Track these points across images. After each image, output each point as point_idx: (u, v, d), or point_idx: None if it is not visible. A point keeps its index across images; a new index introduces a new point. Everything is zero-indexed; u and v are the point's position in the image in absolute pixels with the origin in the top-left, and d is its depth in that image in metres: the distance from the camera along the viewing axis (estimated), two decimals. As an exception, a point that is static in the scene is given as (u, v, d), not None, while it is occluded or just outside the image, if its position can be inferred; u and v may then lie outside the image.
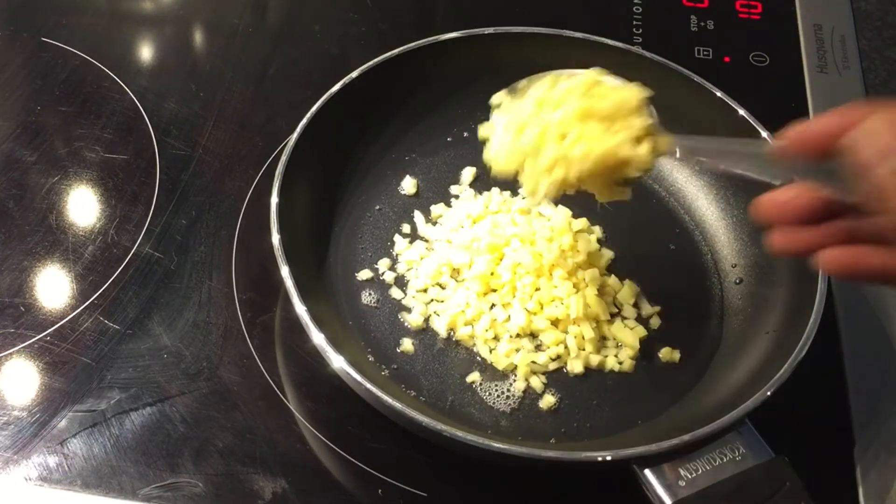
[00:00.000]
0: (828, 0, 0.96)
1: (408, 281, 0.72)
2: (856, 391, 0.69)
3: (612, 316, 0.71)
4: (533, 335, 0.69)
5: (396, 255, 0.74)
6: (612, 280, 0.72)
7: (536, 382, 0.67)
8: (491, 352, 0.68)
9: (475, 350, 0.69)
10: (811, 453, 0.63)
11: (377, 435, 0.65)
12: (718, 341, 0.70)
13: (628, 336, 0.69)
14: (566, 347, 0.69)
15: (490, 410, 0.66)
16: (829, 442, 0.67)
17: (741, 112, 0.75)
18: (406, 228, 0.75)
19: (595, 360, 0.68)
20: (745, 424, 0.59)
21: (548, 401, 0.66)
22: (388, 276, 0.72)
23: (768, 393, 0.60)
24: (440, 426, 0.58)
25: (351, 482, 0.64)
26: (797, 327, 0.63)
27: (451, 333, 0.69)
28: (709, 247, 0.76)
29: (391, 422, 0.61)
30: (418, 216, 0.76)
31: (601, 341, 0.70)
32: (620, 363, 0.68)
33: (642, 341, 0.69)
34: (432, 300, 0.71)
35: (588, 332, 0.69)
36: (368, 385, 0.59)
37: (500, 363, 0.68)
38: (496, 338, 0.69)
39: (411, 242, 0.74)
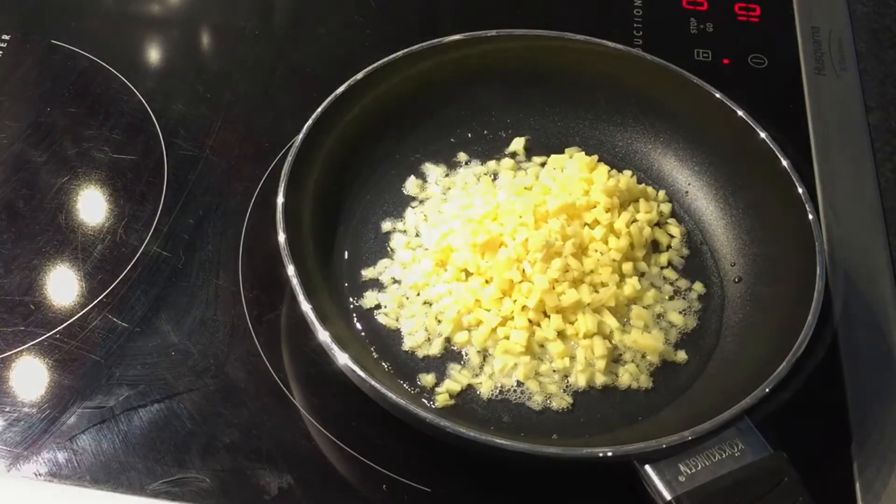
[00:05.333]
0: (825, 3, 0.97)
1: (407, 281, 0.72)
2: (853, 388, 0.70)
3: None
4: (540, 345, 0.69)
5: (393, 250, 0.74)
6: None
7: (553, 388, 0.68)
8: (485, 359, 0.69)
9: (468, 360, 0.69)
10: (809, 449, 0.63)
11: (382, 431, 0.65)
12: (717, 338, 0.71)
13: (649, 341, 0.69)
14: (572, 359, 0.68)
15: (492, 407, 0.67)
16: (827, 438, 0.67)
17: (740, 113, 0.75)
18: (409, 228, 0.76)
19: (600, 379, 0.68)
20: (744, 421, 0.60)
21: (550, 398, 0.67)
22: (391, 275, 0.73)
23: (766, 390, 0.61)
24: (443, 422, 0.59)
25: (356, 478, 0.65)
26: (795, 325, 0.64)
27: (449, 339, 0.70)
28: (708, 246, 0.76)
29: (395, 418, 0.62)
30: (411, 214, 0.77)
31: (614, 353, 0.69)
32: (637, 380, 0.68)
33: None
34: (426, 301, 0.71)
35: (599, 348, 0.68)
36: (373, 382, 0.60)
37: (497, 378, 0.68)
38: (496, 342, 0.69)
39: (410, 242, 0.75)
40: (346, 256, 0.74)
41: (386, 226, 0.76)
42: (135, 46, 0.91)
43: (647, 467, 0.58)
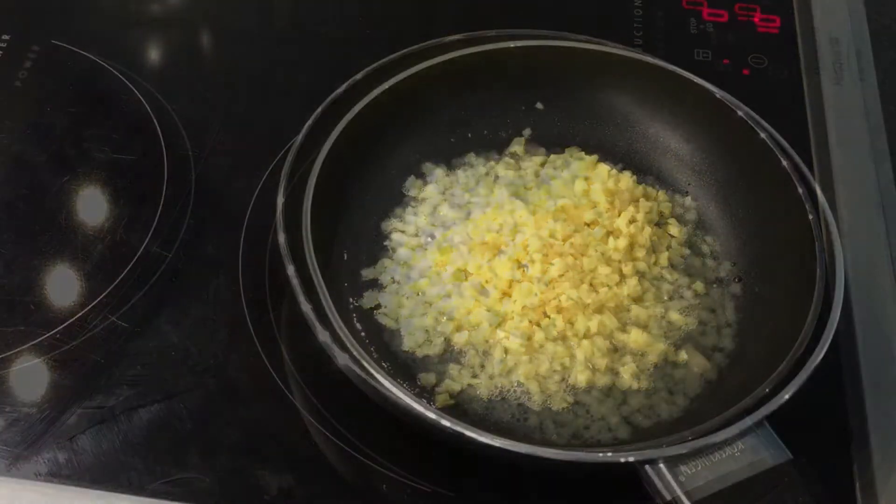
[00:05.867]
0: (825, 4, 0.97)
1: (407, 281, 0.72)
2: (853, 388, 0.70)
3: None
4: (540, 345, 0.69)
5: (393, 250, 0.74)
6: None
7: (553, 388, 0.67)
8: (485, 359, 0.69)
9: (468, 360, 0.69)
10: (809, 449, 0.63)
11: (381, 431, 0.65)
12: (717, 338, 0.71)
13: (649, 341, 0.69)
14: (572, 359, 0.68)
15: (492, 407, 0.67)
16: (827, 438, 0.68)
17: (740, 113, 0.75)
18: (409, 228, 0.76)
19: (600, 379, 0.67)
20: (744, 421, 0.60)
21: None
22: (391, 275, 0.73)
23: (766, 390, 0.61)
24: (444, 422, 0.59)
25: (356, 478, 0.65)
26: (795, 325, 0.64)
27: (448, 339, 0.70)
28: (708, 246, 0.76)
29: (395, 418, 0.62)
30: (411, 214, 0.77)
31: (614, 353, 0.69)
32: (637, 380, 0.67)
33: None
34: (426, 301, 0.71)
35: (600, 348, 0.68)
36: (373, 382, 0.60)
37: (497, 378, 0.68)
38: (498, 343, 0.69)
39: (410, 242, 0.75)
40: (345, 256, 0.74)
41: (386, 226, 0.76)
42: (135, 46, 0.91)
43: (647, 467, 0.58)
